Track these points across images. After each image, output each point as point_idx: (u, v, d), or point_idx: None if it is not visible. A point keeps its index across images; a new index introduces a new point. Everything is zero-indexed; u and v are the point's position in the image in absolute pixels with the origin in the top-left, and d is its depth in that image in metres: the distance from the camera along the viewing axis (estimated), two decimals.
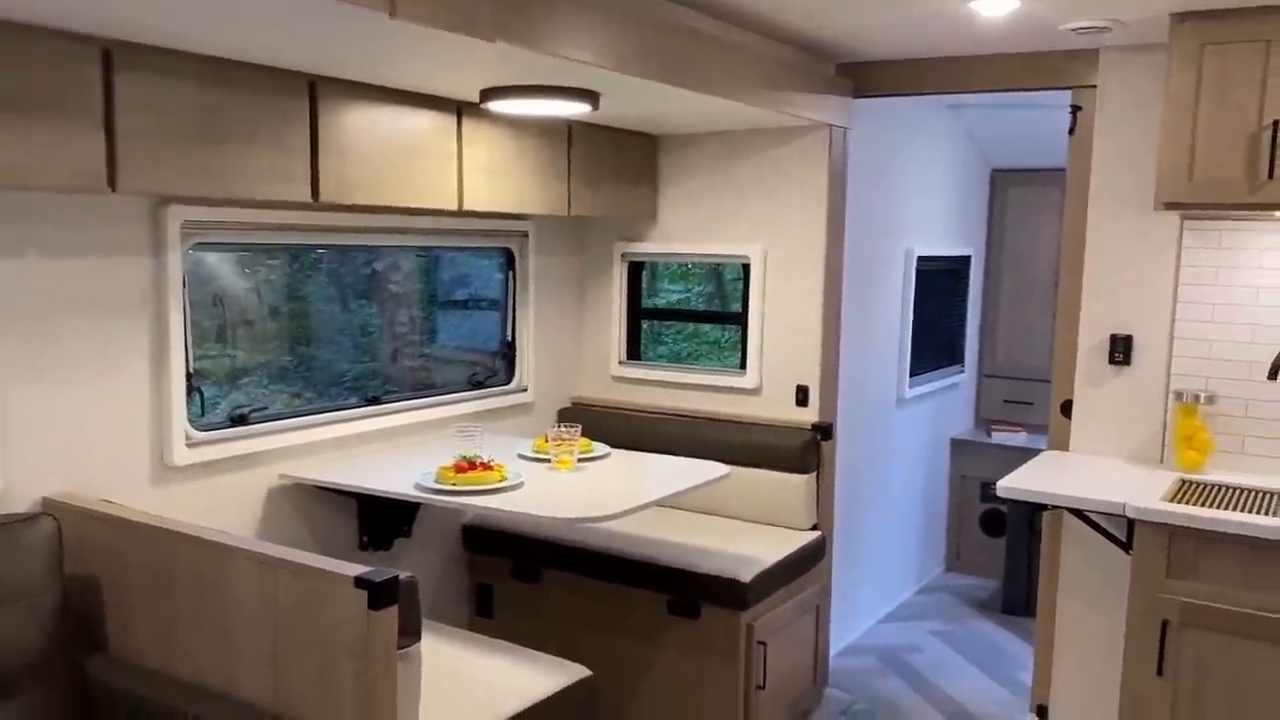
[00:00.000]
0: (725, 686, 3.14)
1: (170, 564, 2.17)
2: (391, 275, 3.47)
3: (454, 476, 2.73)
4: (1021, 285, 5.20)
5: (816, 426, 3.55)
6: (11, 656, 2.01)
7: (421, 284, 3.62)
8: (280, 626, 2.01)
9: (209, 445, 2.71)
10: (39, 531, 2.13)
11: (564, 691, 2.33)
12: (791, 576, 3.33)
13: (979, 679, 3.91)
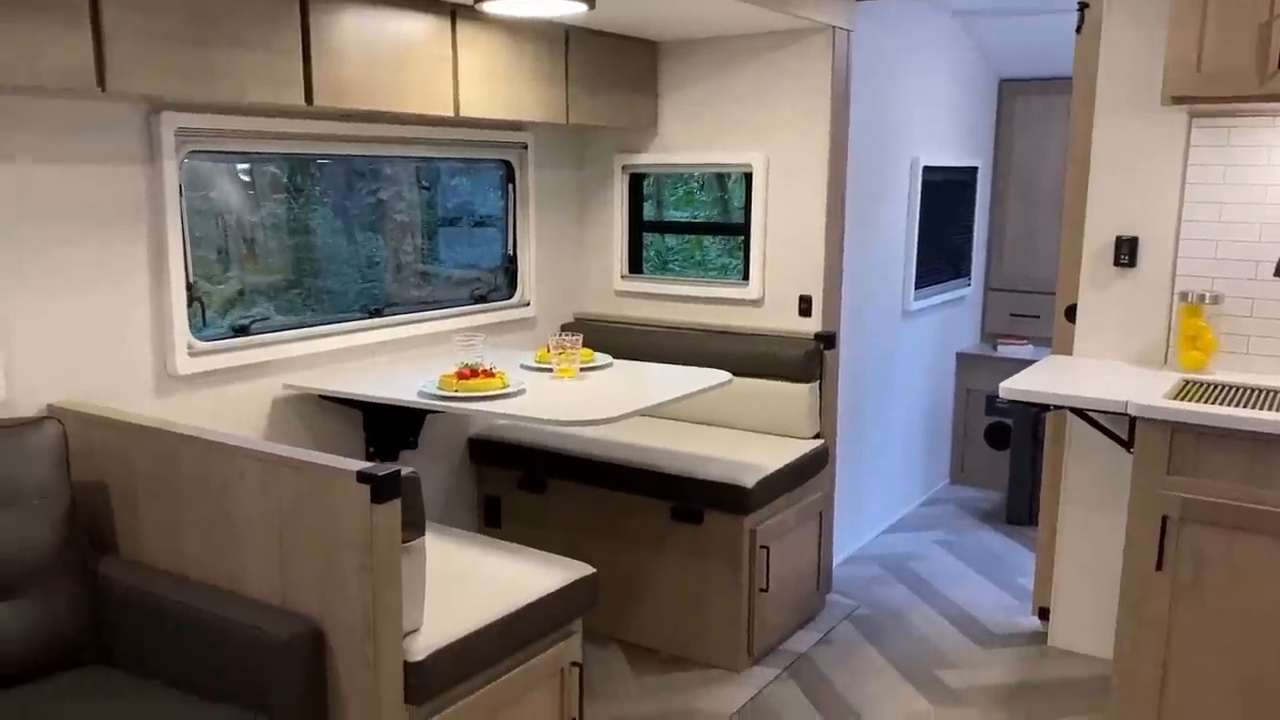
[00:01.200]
0: (729, 590, 3.18)
1: (175, 466, 2.19)
2: (392, 194, 3.45)
3: (456, 384, 2.74)
4: (1029, 197, 5.14)
5: (819, 336, 3.54)
6: (25, 555, 2.04)
7: (423, 203, 3.60)
8: (285, 524, 2.03)
9: (211, 355, 2.72)
10: (45, 435, 2.15)
11: (569, 586, 2.37)
12: (794, 483, 3.35)
13: (982, 584, 3.95)
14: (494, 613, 2.19)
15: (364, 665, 1.96)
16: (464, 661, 2.09)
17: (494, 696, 2.19)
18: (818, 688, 3.14)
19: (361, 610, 1.95)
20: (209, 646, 2.02)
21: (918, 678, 3.22)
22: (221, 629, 2.00)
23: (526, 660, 2.28)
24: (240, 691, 1.98)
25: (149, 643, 2.11)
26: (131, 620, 2.13)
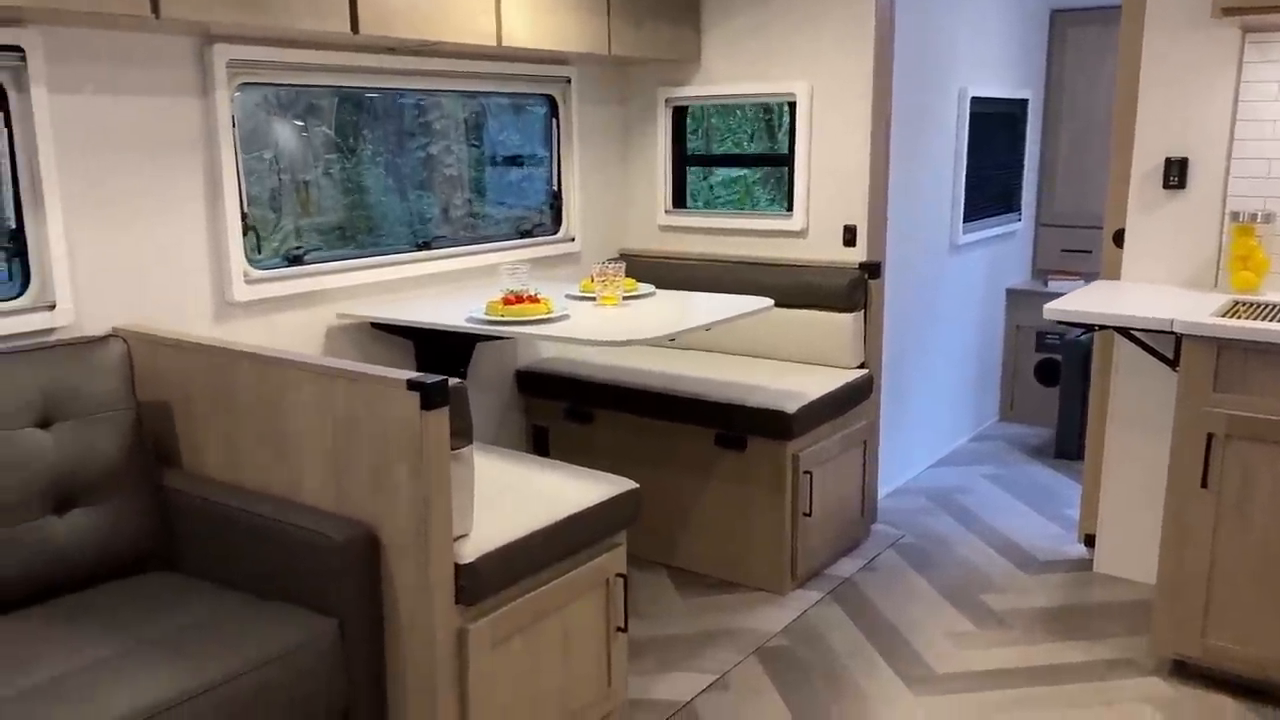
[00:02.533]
0: (772, 514, 3.23)
1: (234, 383, 2.28)
2: (439, 132, 3.50)
3: (502, 309, 2.80)
4: (1081, 130, 5.06)
5: (864, 265, 3.54)
6: (94, 466, 2.15)
7: (469, 141, 3.64)
8: (339, 434, 2.11)
9: (266, 283, 2.81)
10: (110, 352, 2.25)
11: (613, 499, 2.43)
12: (837, 411, 3.38)
13: (1029, 516, 3.96)
14: (540, 521, 2.26)
15: (416, 567, 2.04)
16: (511, 566, 2.17)
17: (541, 602, 2.27)
18: (861, 610, 3.19)
19: (413, 514, 2.03)
20: (269, 551, 2.11)
21: (961, 601, 3.25)
22: (281, 534, 2.09)
23: (572, 569, 2.36)
24: (299, 592, 2.07)
25: (212, 549, 2.21)
26: (195, 528, 2.24)
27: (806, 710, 2.64)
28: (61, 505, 2.11)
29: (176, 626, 1.95)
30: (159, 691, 1.73)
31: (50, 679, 1.75)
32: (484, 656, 2.13)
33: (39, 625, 1.95)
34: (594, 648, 2.44)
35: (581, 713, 2.43)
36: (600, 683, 2.47)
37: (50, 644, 1.87)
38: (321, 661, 1.97)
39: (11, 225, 2.33)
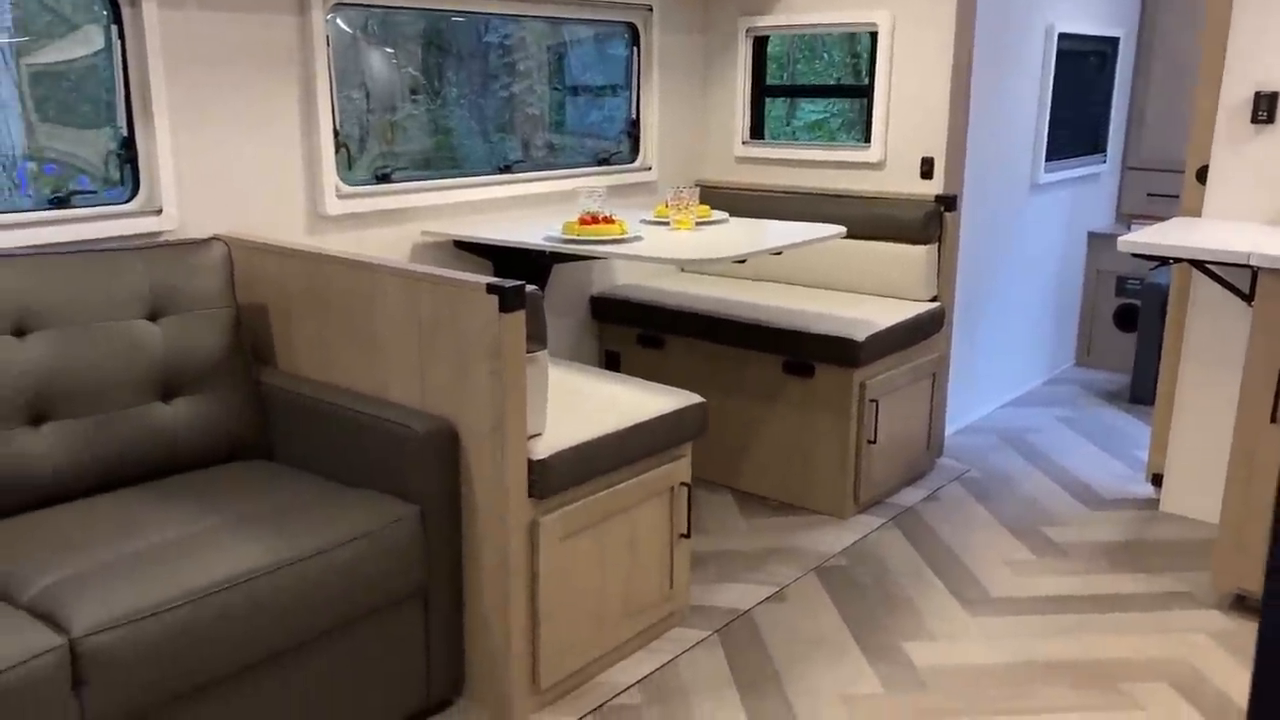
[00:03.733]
0: (837, 440, 3.30)
1: (327, 287, 2.42)
2: (522, 60, 3.58)
3: (579, 229, 2.89)
4: (1173, 71, 4.92)
5: (940, 198, 3.55)
6: (198, 358, 2.31)
7: (551, 68, 3.72)
8: (423, 335, 2.24)
9: (357, 199, 2.94)
10: (213, 254, 2.40)
11: (680, 410, 2.52)
12: (907, 342, 3.42)
13: (1098, 456, 3.95)
14: (610, 427, 2.36)
15: (491, 460, 2.16)
16: (581, 466, 2.28)
17: (608, 503, 2.38)
18: (921, 536, 3.25)
19: (490, 412, 2.15)
20: (357, 442, 2.26)
21: (1023, 532, 3.29)
22: (368, 426, 2.23)
23: (639, 475, 2.46)
24: (384, 481, 2.21)
25: (304, 440, 2.37)
26: (289, 421, 2.40)
27: (861, 623, 2.73)
28: (167, 393, 2.28)
29: (271, 506, 2.10)
30: (256, 559, 1.89)
31: (156, 544, 1.91)
32: (553, 548, 2.26)
33: (145, 501, 2.12)
34: (658, 551, 2.55)
35: (645, 611, 2.55)
36: (663, 584, 2.59)
37: (155, 517, 2.04)
38: (403, 543, 2.11)
39: (124, 134, 2.49)
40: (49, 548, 1.88)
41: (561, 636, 2.32)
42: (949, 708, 2.37)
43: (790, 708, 2.36)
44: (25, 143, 2.65)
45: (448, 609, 2.24)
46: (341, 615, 2.00)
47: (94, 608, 1.69)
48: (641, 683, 2.45)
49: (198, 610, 1.77)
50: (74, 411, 2.12)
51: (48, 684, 1.59)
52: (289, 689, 1.96)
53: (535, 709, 2.32)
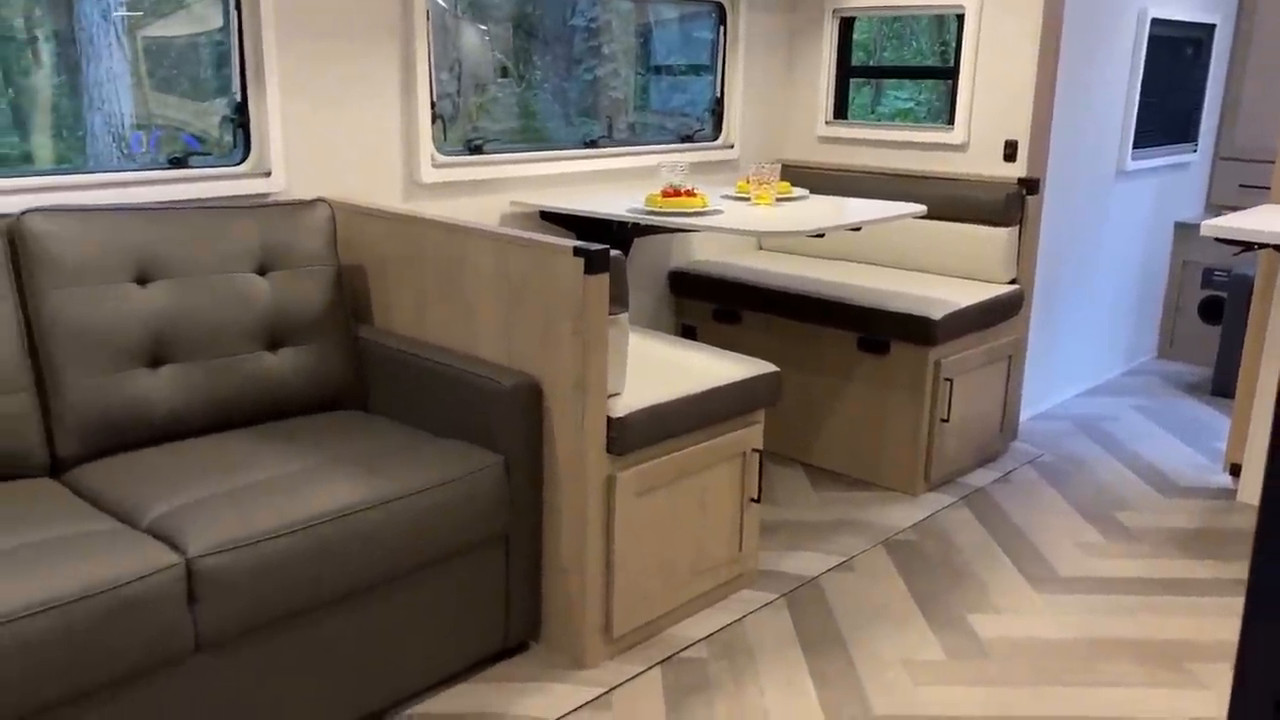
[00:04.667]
0: (910, 418, 3.34)
1: (422, 249, 2.54)
2: (608, 40, 3.68)
3: (661, 201, 2.98)
4: (1272, 60, 4.82)
5: (1023, 181, 3.55)
6: (303, 311, 2.45)
7: (636, 48, 3.81)
8: (512, 296, 2.35)
9: (450, 168, 3.07)
10: (318, 215, 2.54)
11: (754, 378, 2.60)
12: (984, 323, 3.44)
13: (1176, 446, 3.92)
14: (685, 390, 2.45)
15: (573, 416, 2.27)
16: (658, 426, 2.37)
17: (682, 463, 2.47)
18: (991, 516, 3.28)
19: (573, 370, 2.25)
20: (448, 395, 2.38)
21: (1094, 516, 3.29)
22: (459, 380, 2.36)
23: (712, 438, 2.55)
24: (471, 432, 2.33)
25: (398, 393, 2.50)
26: (384, 374, 2.53)
27: (927, 594, 2.78)
28: (274, 343, 2.43)
29: (368, 451, 2.23)
30: (354, 496, 2.02)
31: (263, 480, 2.06)
32: (628, 503, 2.36)
33: (251, 441, 2.27)
34: (728, 513, 2.64)
35: (714, 570, 2.63)
36: (732, 546, 2.67)
37: (261, 455, 2.18)
38: (488, 490, 2.23)
39: (238, 99, 2.65)
40: (166, 480, 2.04)
41: (634, 588, 2.42)
42: (1011, 677, 2.41)
43: (854, 669, 2.43)
44: (138, 110, 2.83)
45: (527, 556, 2.36)
46: (429, 554, 2.13)
47: (208, 532, 1.84)
48: (709, 639, 2.54)
49: (300, 540, 1.91)
50: (189, 356, 2.28)
51: (167, 598, 1.74)
52: (379, 620, 2.09)
53: (607, 656, 2.42)
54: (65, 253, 2.15)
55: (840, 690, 2.35)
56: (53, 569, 1.67)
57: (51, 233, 2.14)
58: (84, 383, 2.13)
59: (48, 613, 1.61)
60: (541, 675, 2.35)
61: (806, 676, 2.40)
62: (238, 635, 1.86)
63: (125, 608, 1.69)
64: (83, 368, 2.13)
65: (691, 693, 2.32)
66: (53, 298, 2.13)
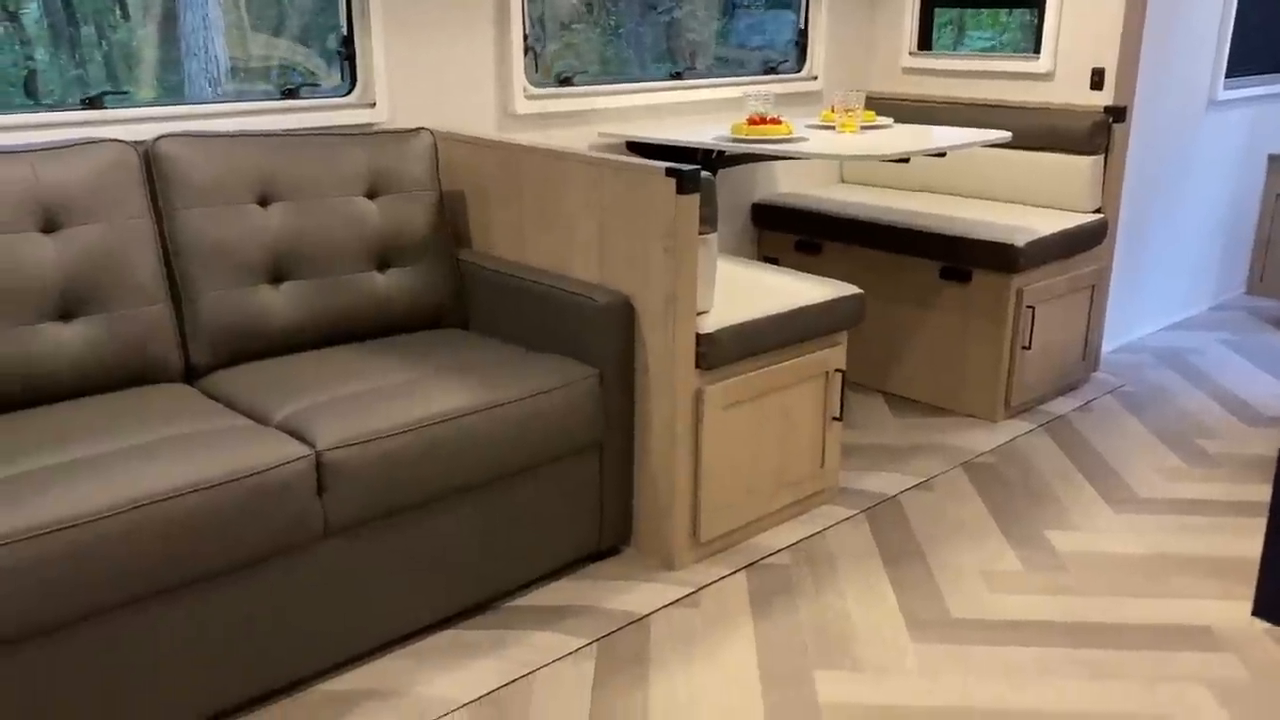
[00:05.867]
0: (991, 345, 3.38)
1: (518, 175, 2.66)
2: None
3: (747, 129, 3.05)
4: None
5: (1109, 109, 3.53)
6: (408, 234, 2.60)
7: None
8: (605, 218, 2.46)
9: (542, 100, 3.17)
10: (422, 142, 2.67)
11: (838, 299, 2.68)
12: (1067, 252, 3.45)
13: (1261, 377, 3.90)
14: (771, 310, 2.54)
15: (663, 332, 2.38)
16: (744, 343, 2.48)
17: (767, 379, 2.57)
18: (1071, 441, 3.32)
19: (664, 287, 2.36)
20: (544, 313, 2.51)
21: (1175, 443, 3.32)
22: (554, 299, 2.48)
23: (796, 357, 2.64)
24: (567, 347, 2.46)
25: (496, 312, 2.64)
26: (483, 296, 2.67)
27: (1005, 512, 2.85)
28: (382, 264, 2.58)
29: (471, 363, 2.38)
30: (463, 400, 2.17)
31: (379, 386, 2.21)
32: (715, 416, 2.47)
33: (364, 354, 2.43)
34: (811, 430, 2.74)
35: (796, 485, 2.74)
36: (814, 462, 2.78)
37: (375, 366, 2.34)
38: (584, 400, 2.36)
39: (344, 33, 2.78)
40: (290, 385, 2.21)
41: (720, 497, 2.54)
42: (1086, 588, 2.49)
43: (932, 577, 2.53)
44: (248, 49, 2.97)
45: (620, 464, 2.49)
46: (530, 459, 2.28)
47: (334, 428, 2.00)
48: (791, 548, 2.66)
49: (415, 439, 2.06)
50: (306, 274, 2.44)
51: (298, 486, 1.91)
52: (485, 518, 2.25)
53: (695, 560, 2.56)
54: (194, 175, 2.31)
55: (919, 596, 2.45)
56: (198, 457, 1.84)
57: (182, 156, 2.31)
58: (214, 296, 2.31)
59: (195, 494, 1.79)
60: (633, 575, 2.50)
61: (886, 583, 2.50)
62: (360, 524, 2.03)
63: (263, 493, 1.86)
64: (213, 282, 2.31)
65: (775, 594, 2.45)
66: (184, 217, 2.30)
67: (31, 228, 2.10)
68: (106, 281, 2.17)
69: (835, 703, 2.07)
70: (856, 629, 2.32)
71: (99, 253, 2.16)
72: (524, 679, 2.12)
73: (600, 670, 2.15)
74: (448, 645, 2.21)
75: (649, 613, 2.36)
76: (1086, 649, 2.25)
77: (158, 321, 2.24)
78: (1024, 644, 2.27)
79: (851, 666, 2.18)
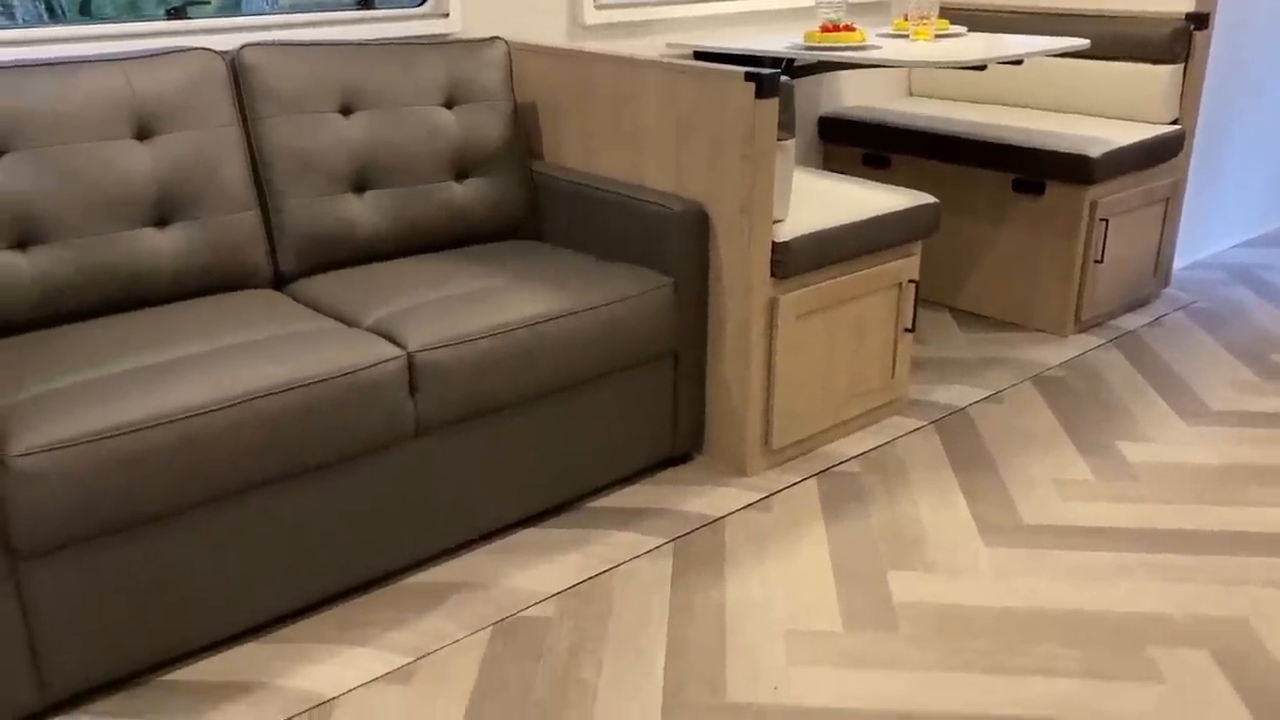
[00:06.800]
0: (1062, 259, 3.35)
1: (592, 85, 2.66)
2: None
3: (819, 36, 3.01)
4: None
5: (1190, 16, 3.43)
6: (483, 143, 2.62)
7: None
8: (680, 126, 2.46)
9: (610, 9, 3.15)
10: (496, 52, 2.68)
11: (913, 208, 2.67)
12: (1143, 164, 3.38)
13: None
14: (846, 218, 2.54)
15: (739, 240, 2.40)
16: (819, 252, 2.48)
17: (840, 289, 2.58)
18: (1142, 356, 3.30)
19: (740, 194, 2.37)
20: (619, 223, 2.53)
21: (1248, 357, 3.28)
22: (629, 208, 2.50)
23: (870, 267, 2.64)
24: (642, 256, 2.49)
25: (570, 223, 2.66)
26: (557, 206, 2.70)
27: (1076, 423, 2.86)
28: (460, 174, 2.61)
29: (549, 271, 2.41)
30: (543, 306, 2.21)
31: (462, 293, 2.26)
32: (789, 325, 2.49)
33: (445, 262, 2.48)
34: (882, 340, 2.75)
35: (867, 395, 2.77)
36: (885, 373, 2.79)
37: (457, 273, 2.39)
38: (659, 308, 2.39)
39: None
40: (377, 291, 2.27)
41: (792, 405, 2.57)
42: (1158, 496, 2.50)
43: (1003, 485, 2.55)
44: None
45: (694, 372, 2.53)
46: (608, 365, 2.32)
47: (424, 330, 2.06)
48: (862, 456, 2.69)
49: (500, 342, 2.11)
50: (388, 183, 2.48)
51: (392, 386, 1.97)
52: (564, 422, 2.31)
53: (766, 467, 2.60)
54: (279, 84, 2.35)
55: (990, 503, 2.48)
56: (296, 356, 1.91)
57: (266, 65, 2.34)
58: (300, 204, 2.36)
59: (295, 391, 1.86)
60: (706, 480, 2.55)
61: (957, 491, 2.53)
62: (448, 425, 2.10)
63: (360, 392, 1.93)
64: (299, 190, 2.36)
65: (846, 500, 2.49)
66: (270, 125, 2.34)
67: (127, 134, 2.16)
68: (198, 188, 2.22)
69: (910, 601, 2.12)
70: (929, 533, 2.36)
71: (191, 160, 2.22)
72: (605, 574, 2.19)
73: (677, 567, 2.22)
74: (532, 542, 2.29)
75: (723, 515, 2.41)
76: (1161, 554, 2.27)
77: (248, 228, 2.30)
78: (1098, 549, 2.29)
79: (925, 568, 2.23)
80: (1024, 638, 2.00)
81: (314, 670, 1.90)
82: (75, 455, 1.64)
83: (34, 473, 1.61)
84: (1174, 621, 2.05)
